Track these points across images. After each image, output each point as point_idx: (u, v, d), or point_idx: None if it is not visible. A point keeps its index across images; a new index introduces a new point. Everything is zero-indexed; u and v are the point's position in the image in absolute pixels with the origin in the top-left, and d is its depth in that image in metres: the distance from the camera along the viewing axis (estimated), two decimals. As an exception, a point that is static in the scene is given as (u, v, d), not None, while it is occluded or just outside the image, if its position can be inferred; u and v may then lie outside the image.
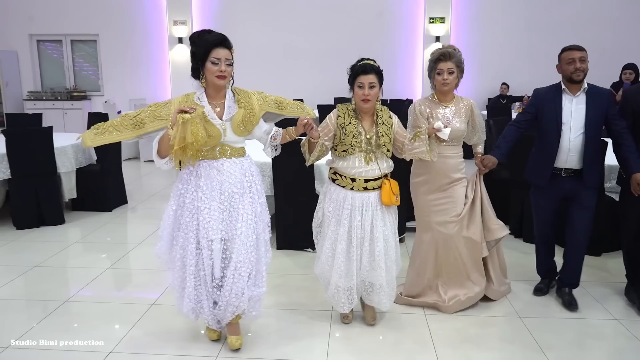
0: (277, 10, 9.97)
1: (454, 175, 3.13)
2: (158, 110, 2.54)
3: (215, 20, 10.04)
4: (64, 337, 2.89)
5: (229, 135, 2.57)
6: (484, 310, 3.25)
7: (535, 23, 9.65)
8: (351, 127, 2.76)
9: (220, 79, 2.50)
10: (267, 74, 9.99)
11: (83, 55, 10.57)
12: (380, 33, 9.81)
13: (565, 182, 3.17)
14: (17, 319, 3.15)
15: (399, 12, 9.84)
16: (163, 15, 10.02)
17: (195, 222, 2.55)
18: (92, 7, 10.08)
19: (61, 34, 10.35)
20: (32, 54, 10.44)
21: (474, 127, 3.23)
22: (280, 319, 3.14)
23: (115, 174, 5.70)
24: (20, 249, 4.39)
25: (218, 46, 2.48)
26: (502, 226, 3.21)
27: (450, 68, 3.02)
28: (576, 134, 3.09)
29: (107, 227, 5.03)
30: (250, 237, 2.59)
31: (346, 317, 3.05)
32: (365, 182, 2.78)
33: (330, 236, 2.85)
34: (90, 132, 2.53)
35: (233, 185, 2.58)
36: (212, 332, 2.83)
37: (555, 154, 3.13)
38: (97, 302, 3.37)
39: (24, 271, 3.87)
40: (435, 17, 9.62)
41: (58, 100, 10.16)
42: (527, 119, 3.27)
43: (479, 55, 9.73)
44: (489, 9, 9.73)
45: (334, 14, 9.91)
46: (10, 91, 10.11)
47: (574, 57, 3.04)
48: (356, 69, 2.75)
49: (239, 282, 2.56)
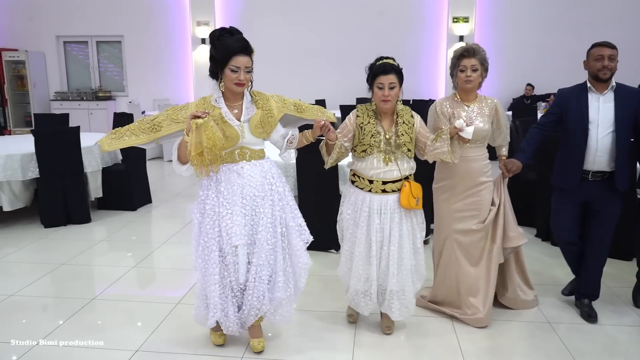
0: (300, 10, 9.98)
1: (479, 179, 2.98)
2: (175, 113, 2.52)
3: (238, 21, 10.08)
4: (91, 336, 2.93)
5: (247, 136, 2.53)
6: (514, 315, 3.18)
7: (561, 22, 9.48)
8: (370, 127, 2.69)
9: (239, 87, 2.48)
10: (289, 74, 10.01)
11: (107, 56, 10.73)
12: (404, 33, 9.74)
13: (591, 186, 3.01)
14: (45, 317, 3.20)
15: (422, 11, 9.76)
16: (186, 16, 10.11)
17: (217, 229, 2.51)
18: (117, 9, 10.23)
19: (87, 36, 10.52)
20: (59, 55, 10.63)
21: (499, 128, 3.08)
22: (303, 322, 3.11)
23: (139, 174, 5.76)
24: (47, 247, 4.47)
25: (239, 54, 2.43)
26: (521, 234, 3.08)
27: (474, 65, 2.88)
28: (604, 133, 2.94)
29: (132, 226, 5.08)
30: (270, 241, 2.56)
31: (351, 315, 3.06)
32: (383, 184, 2.70)
33: (348, 239, 2.81)
34: (108, 137, 2.51)
35: (254, 189, 2.54)
36: (218, 336, 2.81)
37: (583, 156, 2.98)
38: (122, 300, 3.41)
39: (51, 269, 3.93)
40: (459, 17, 9.51)
41: (84, 100, 10.33)
42: (551, 120, 3.14)
43: (503, 55, 9.60)
44: (514, 8, 9.59)
45: (357, 13, 9.88)
46: (37, 92, 10.31)
47: (603, 54, 2.91)
48: (375, 69, 2.66)
49: (260, 285, 2.56)
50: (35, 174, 4.85)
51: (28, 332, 2.98)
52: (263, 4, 10.03)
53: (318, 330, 3.01)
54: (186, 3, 10.05)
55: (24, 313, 3.25)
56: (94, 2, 10.25)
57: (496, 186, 3.06)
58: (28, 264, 4.09)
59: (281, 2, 10.02)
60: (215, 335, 2.81)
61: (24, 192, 4.96)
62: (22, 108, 10.39)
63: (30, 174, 4.84)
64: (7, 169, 4.73)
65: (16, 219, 5.19)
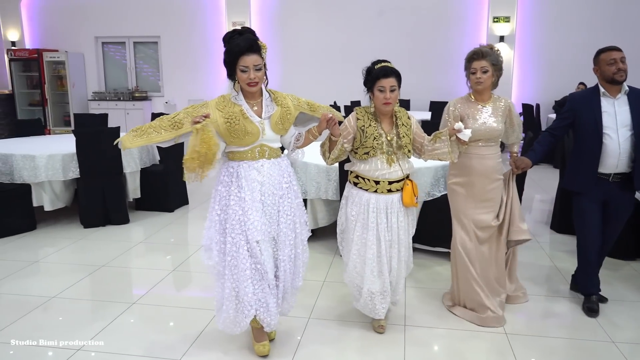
0: (335, 11, 9.87)
1: (494, 176, 3.07)
2: (195, 110, 2.52)
3: (273, 22, 10.04)
4: (132, 343, 2.88)
5: (267, 133, 2.56)
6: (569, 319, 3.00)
7: (605, 20, 9.09)
8: (372, 130, 2.74)
9: (251, 87, 2.50)
10: (323, 74, 9.91)
11: (143, 57, 10.83)
12: (442, 33, 9.52)
13: (611, 186, 3.08)
14: (88, 320, 3.16)
15: (461, 11, 9.52)
16: (222, 17, 10.11)
17: (242, 224, 2.52)
18: (154, 10, 10.31)
19: (125, 36, 10.64)
20: (97, 55, 10.78)
21: (512, 127, 3.17)
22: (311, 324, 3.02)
23: (176, 175, 5.73)
24: (87, 247, 4.47)
25: (245, 53, 2.44)
26: (526, 230, 3.17)
27: (484, 67, 2.95)
28: (625, 137, 3.00)
29: (170, 227, 5.05)
30: (290, 236, 2.65)
31: (381, 326, 2.98)
32: (389, 184, 2.76)
33: (357, 242, 2.81)
34: (129, 134, 2.50)
35: (273, 187, 2.59)
36: (262, 347, 2.73)
37: (597, 160, 3.04)
38: (164, 305, 3.35)
39: (92, 271, 3.92)
40: (500, 16, 9.24)
41: (120, 100, 10.44)
42: (563, 125, 3.21)
43: (546, 55, 9.31)
44: (557, 7, 9.25)
45: (394, 13, 9.70)
46: (76, 92, 10.47)
47: (615, 57, 2.97)
48: (377, 72, 2.69)
49: (284, 278, 2.66)
50: (75, 174, 4.86)
51: (71, 334, 2.95)
52: (298, 4, 9.95)
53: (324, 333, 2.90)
54: (222, 4, 10.06)
55: (66, 315, 3.23)
56: (132, 4, 10.36)
57: (505, 182, 3.16)
58: (69, 265, 4.08)
59: (315, 2, 9.93)
60: (259, 346, 2.74)
61: (65, 192, 4.98)
62: (61, 108, 10.58)
63: (71, 174, 4.85)
64: (49, 168, 4.76)
65: (56, 218, 5.22)
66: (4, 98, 10.35)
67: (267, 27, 10.08)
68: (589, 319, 3.14)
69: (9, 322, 3.10)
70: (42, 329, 3.03)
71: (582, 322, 3.13)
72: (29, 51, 10.22)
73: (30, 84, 10.61)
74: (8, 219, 4.67)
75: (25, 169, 4.74)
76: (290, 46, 10.04)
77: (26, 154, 4.73)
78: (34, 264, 4.10)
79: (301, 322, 3.11)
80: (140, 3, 10.34)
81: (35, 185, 4.81)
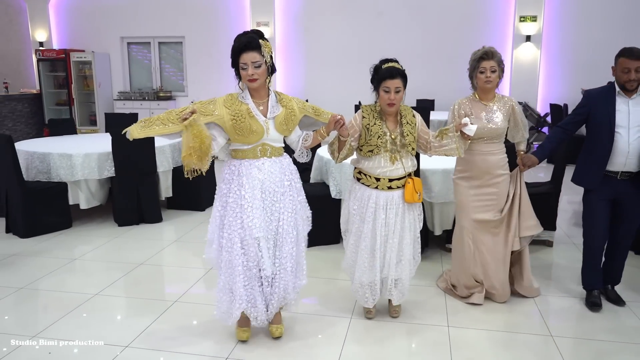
0: (360, 10, 9.84)
1: (497, 171, 3.18)
2: (203, 106, 2.57)
3: (297, 22, 10.06)
4: (179, 338, 2.91)
5: (271, 133, 2.64)
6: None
7: (634, 19, 8.94)
8: (376, 128, 2.81)
9: (252, 82, 2.56)
10: (348, 74, 9.88)
11: (165, 57, 10.91)
12: (468, 32, 9.44)
13: (619, 184, 3.10)
14: (132, 318, 3.21)
15: (487, 10, 9.44)
16: (246, 17, 10.16)
17: (239, 221, 2.60)
18: (179, 11, 10.38)
19: (150, 37, 10.74)
20: (123, 56, 10.89)
21: (517, 125, 3.26)
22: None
23: (208, 174, 5.74)
24: (123, 246, 4.51)
25: (243, 51, 2.51)
26: (537, 224, 3.28)
27: (492, 66, 3.08)
28: (635, 136, 3.01)
29: (202, 227, 5.08)
30: (291, 234, 2.70)
31: (369, 312, 3.12)
32: (389, 182, 2.85)
33: (354, 233, 2.95)
34: (137, 125, 2.57)
35: (274, 184, 2.65)
36: (242, 332, 2.85)
37: (607, 158, 3.06)
38: (205, 303, 3.36)
39: (130, 269, 3.97)
40: (527, 15, 9.13)
41: (145, 100, 10.54)
42: (576, 121, 3.23)
43: (574, 55, 9.19)
44: (587, 5, 9.11)
45: (418, 13, 9.65)
46: (102, 92, 10.60)
47: (629, 67, 2.95)
48: (383, 73, 2.76)
49: (284, 276, 2.70)
50: (111, 172, 4.92)
51: (117, 332, 2.99)
52: (322, 4, 9.95)
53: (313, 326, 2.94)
54: (246, 4, 10.10)
55: (110, 313, 3.27)
56: (157, 5, 10.45)
57: (512, 179, 3.26)
58: (106, 263, 4.14)
59: (340, 1, 9.91)
60: (240, 330, 2.86)
61: (100, 190, 5.04)
62: (87, 107, 10.71)
63: (107, 172, 4.91)
64: (85, 167, 4.82)
65: (90, 216, 5.29)
66: (32, 98, 10.51)
67: (291, 27, 10.10)
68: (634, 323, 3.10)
69: (54, 320, 3.15)
70: (87, 327, 3.08)
71: (625, 325, 3.08)
72: (56, 51, 10.37)
73: (57, 83, 10.76)
74: (46, 217, 4.75)
75: (62, 168, 4.81)
76: (315, 45, 10.04)
77: (63, 153, 4.80)
78: (73, 261, 4.16)
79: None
80: (165, 4, 10.43)
81: (71, 183, 4.88)
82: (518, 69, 9.26)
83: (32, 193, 4.65)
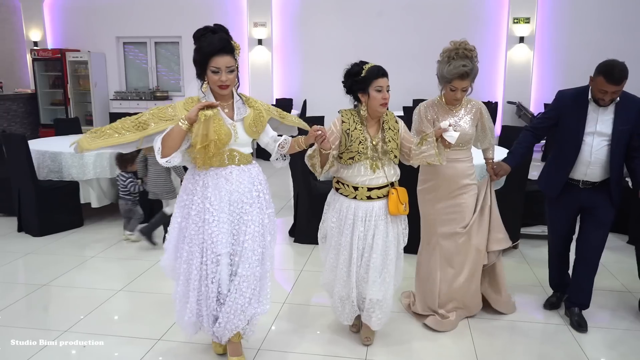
0: (357, 11, 9.96)
1: (463, 181, 2.98)
2: (162, 111, 2.40)
3: (294, 22, 10.14)
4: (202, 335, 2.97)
5: (240, 136, 2.44)
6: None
7: (626, 22, 9.19)
8: (357, 133, 2.63)
9: (222, 89, 2.37)
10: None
11: (164, 57, 10.91)
12: (462, 33, 9.51)
13: (582, 193, 2.97)
14: (159, 315, 3.24)
15: (481, 11, 9.62)
16: (244, 17, 10.21)
17: (201, 236, 2.41)
18: (175, 11, 10.39)
19: (146, 37, 10.73)
20: (119, 55, 10.87)
21: (484, 131, 3.08)
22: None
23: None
24: (138, 243, 4.54)
25: (217, 54, 2.31)
26: (503, 238, 3.07)
27: (465, 87, 2.87)
28: (599, 146, 2.86)
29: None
30: (256, 251, 2.46)
31: (354, 325, 2.95)
32: (368, 191, 2.63)
33: (334, 246, 2.74)
34: (86, 136, 2.38)
35: (243, 195, 2.45)
36: (219, 345, 2.72)
37: (571, 166, 2.92)
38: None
39: (148, 266, 4.02)
40: (520, 17, 9.33)
41: (142, 100, 10.53)
42: (546, 125, 3.10)
43: (566, 56, 9.39)
44: (577, 8, 9.34)
45: (414, 15, 9.80)
46: (98, 91, 10.57)
47: (606, 90, 2.74)
48: (374, 72, 2.58)
49: (239, 299, 2.44)
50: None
51: (147, 327, 3.06)
52: (320, 4, 10.05)
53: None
54: (243, 4, 10.16)
55: (135, 309, 3.35)
56: (153, 4, 10.45)
57: (480, 189, 3.06)
58: (124, 260, 4.19)
59: (337, 2, 10.02)
60: (216, 344, 2.73)
61: (111, 189, 5.08)
62: (84, 107, 10.67)
63: (118, 171, 4.94)
64: (97, 167, 4.86)
65: (100, 215, 5.31)
66: (27, 97, 10.45)
67: (288, 27, 10.18)
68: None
69: (81, 316, 3.21)
70: (114, 322, 3.15)
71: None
72: (52, 51, 10.31)
73: (52, 83, 10.71)
74: (58, 216, 4.78)
75: (74, 167, 4.84)
76: (312, 46, 10.13)
77: (75, 152, 4.81)
78: (92, 258, 4.21)
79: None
80: (162, 3, 10.44)
81: (82, 182, 4.92)
82: (512, 70, 9.46)
83: (44, 192, 4.69)
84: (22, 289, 3.65)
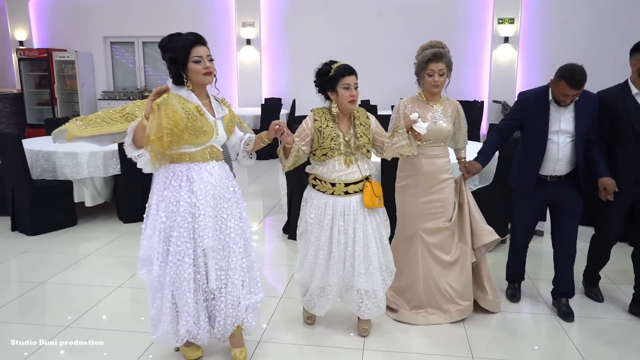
0: (345, 11, 10.06)
1: (442, 176, 3.07)
2: (144, 104, 2.42)
3: (283, 22, 10.21)
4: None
5: (220, 133, 2.49)
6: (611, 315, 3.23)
7: (609, 22, 9.42)
8: (329, 130, 2.71)
9: (208, 76, 2.39)
10: (332, 74, 10.08)
11: (151, 57, 10.90)
12: (448, 33, 9.72)
13: (551, 186, 3.13)
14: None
15: (467, 12, 9.78)
16: (232, 18, 10.25)
17: (191, 232, 2.39)
18: (163, 10, 10.38)
19: (133, 36, 10.71)
20: (106, 55, 10.84)
21: (460, 129, 3.18)
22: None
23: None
24: (135, 242, 4.58)
25: (196, 44, 2.36)
26: (490, 231, 3.12)
27: (441, 69, 2.96)
28: (565, 143, 3.03)
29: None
30: (239, 243, 2.51)
31: (310, 317, 3.07)
32: (345, 186, 2.72)
33: (313, 243, 2.78)
34: (74, 124, 2.37)
35: (223, 190, 2.49)
36: (193, 350, 2.67)
37: (540, 163, 3.07)
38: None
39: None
40: (505, 18, 9.51)
41: (130, 100, 10.50)
42: (512, 126, 3.23)
43: (550, 56, 9.56)
44: (560, 8, 9.55)
45: (402, 14, 9.93)
46: (85, 91, 10.52)
47: (568, 93, 2.89)
48: (342, 70, 2.67)
49: (233, 291, 2.47)
50: (116, 170, 4.99)
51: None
52: (308, 5, 10.13)
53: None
54: (232, 4, 10.19)
55: (136, 305, 3.39)
56: (140, 4, 10.44)
57: (457, 186, 3.16)
58: (121, 258, 4.23)
59: (326, 3, 10.11)
60: (189, 350, 2.67)
61: (105, 188, 5.11)
62: (70, 107, 10.62)
63: (112, 170, 4.98)
64: (91, 165, 4.88)
65: (94, 214, 5.33)
66: (13, 97, 10.37)
67: (277, 27, 10.24)
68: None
69: (78, 314, 3.25)
70: (117, 317, 3.20)
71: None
72: (38, 51, 10.25)
73: (38, 83, 10.63)
74: (52, 215, 4.79)
75: (68, 166, 4.86)
76: (300, 45, 10.20)
77: (69, 152, 4.85)
78: (87, 256, 4.24)
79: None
80: (149, 3, 10.43)
81: (76, 181, 4.93)
82: (497, 69, 9.64)
83: (38, 191, 4.69)
84: (17, 288, 3.67)
